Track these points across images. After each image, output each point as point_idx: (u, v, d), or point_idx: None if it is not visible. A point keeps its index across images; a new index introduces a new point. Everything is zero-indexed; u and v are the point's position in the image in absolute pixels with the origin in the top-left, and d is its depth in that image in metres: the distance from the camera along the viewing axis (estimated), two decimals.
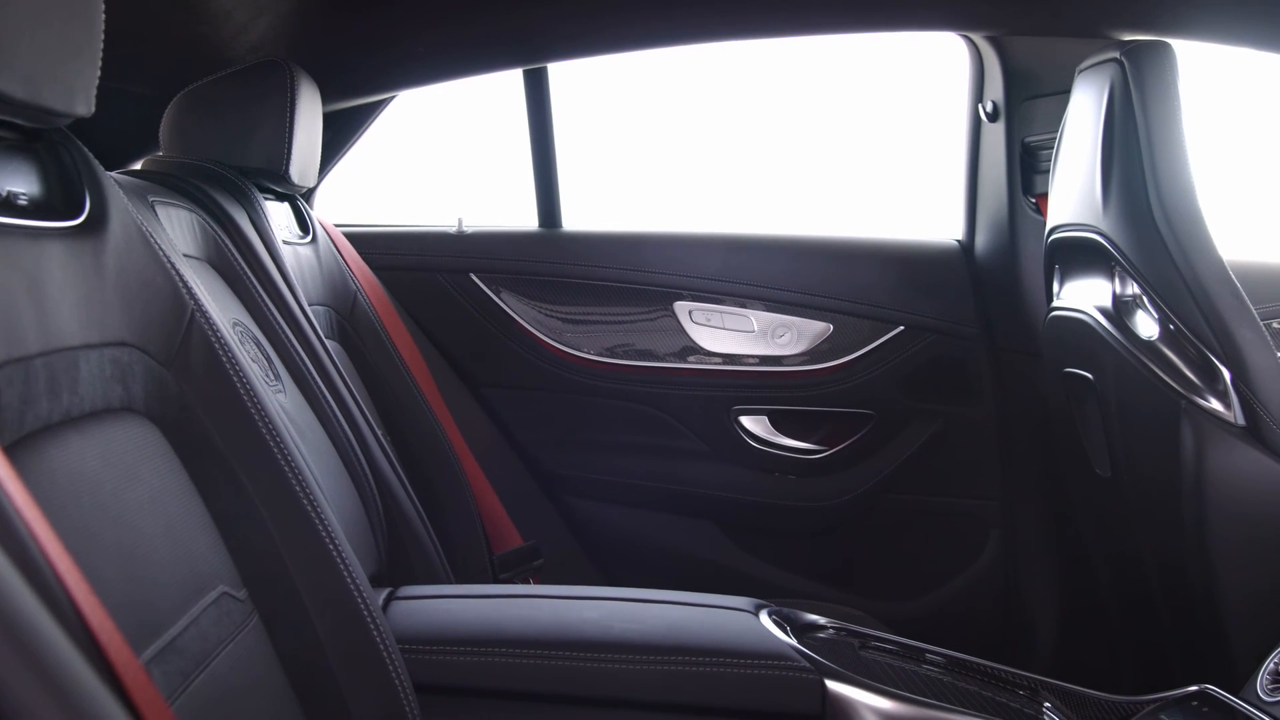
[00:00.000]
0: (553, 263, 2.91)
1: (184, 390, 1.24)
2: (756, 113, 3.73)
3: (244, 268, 1.82)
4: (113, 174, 1.60)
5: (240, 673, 1.19)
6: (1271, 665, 1.81)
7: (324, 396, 1.81)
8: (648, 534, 2.92)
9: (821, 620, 1.73)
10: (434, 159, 3.59)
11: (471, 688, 1.46)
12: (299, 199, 2.36)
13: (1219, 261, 1.95)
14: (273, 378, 1.67)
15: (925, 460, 2.85)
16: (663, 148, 3.73)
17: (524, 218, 2.98)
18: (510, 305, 2.89)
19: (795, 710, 1.45)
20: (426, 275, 2.91)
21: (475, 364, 2.91)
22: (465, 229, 2.94)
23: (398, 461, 2.17)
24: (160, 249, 1.25)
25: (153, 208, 1.64)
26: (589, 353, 2.89)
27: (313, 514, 1.30)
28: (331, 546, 1.31)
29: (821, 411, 2.86)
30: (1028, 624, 2.85)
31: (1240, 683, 1.84)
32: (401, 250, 2.93)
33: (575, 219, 2.97)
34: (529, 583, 2.49)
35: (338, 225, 2.67)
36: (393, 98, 2.82)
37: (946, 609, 2.87)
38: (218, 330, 1.30)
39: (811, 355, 2.84)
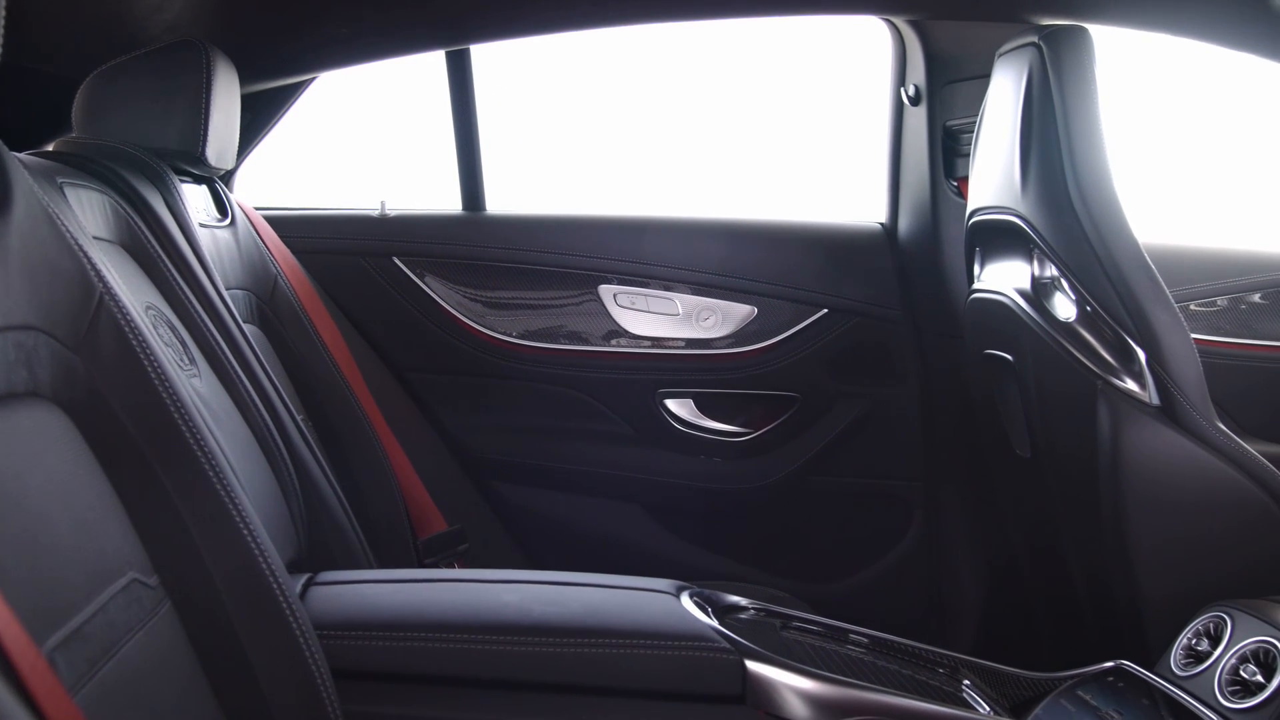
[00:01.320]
0: (477, 246, 2.89)
1: (92, 374, 1.22)
2: (680, 96, 3.73)
3: (158, 251, 1.79)
4: (20, 155, 1.57)
5: (150, 660, 1.17)
6: (1185, 641, 1.84)
7: (241, 381, 1.78)
8: (573, 518, 2.92)
9: (743, 602, 1.74)
10: (356, 142, 3.55)
11: (390, 672, 1.45)
12: (217, 182, 2.33)
13: (1134, 244, 1.98)
14: (187, 362, 1.65)
15: (850, 442, 2.87)
16: (588, 131, 3.72)
17: (448, 201, 2.96)
18: (434, 289, 2.87)
19: (715, 691, 1.46)
20: (349, 259, 2.88)
21: (399, 348, 2.89)
22: (388, 212, 2.91)
23: (319, 447, 2.15)
24: (67, 231, 1.23)
25: (61, 189, 1.61)
26: (513, 336, 2.88)
27: (226, 499, 1.28)
28: (246, 532, 1.29)
29: (746, 394, 2.87)
30: (952, 604, 2.88)
31: (1155, 659, 1.88)
32: (324, 234, 2.89)
33: (499, 202, 2.95)
34: (454, 567, 2.48)
35: (258, 208, 2.63)
36: (313, 79, 2.79)
37: (871, 590, 2.89)
38: (127, 313, 1.27)
39: (736, 338, 2.85)
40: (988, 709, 1.71)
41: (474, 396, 2.91)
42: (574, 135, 3.71)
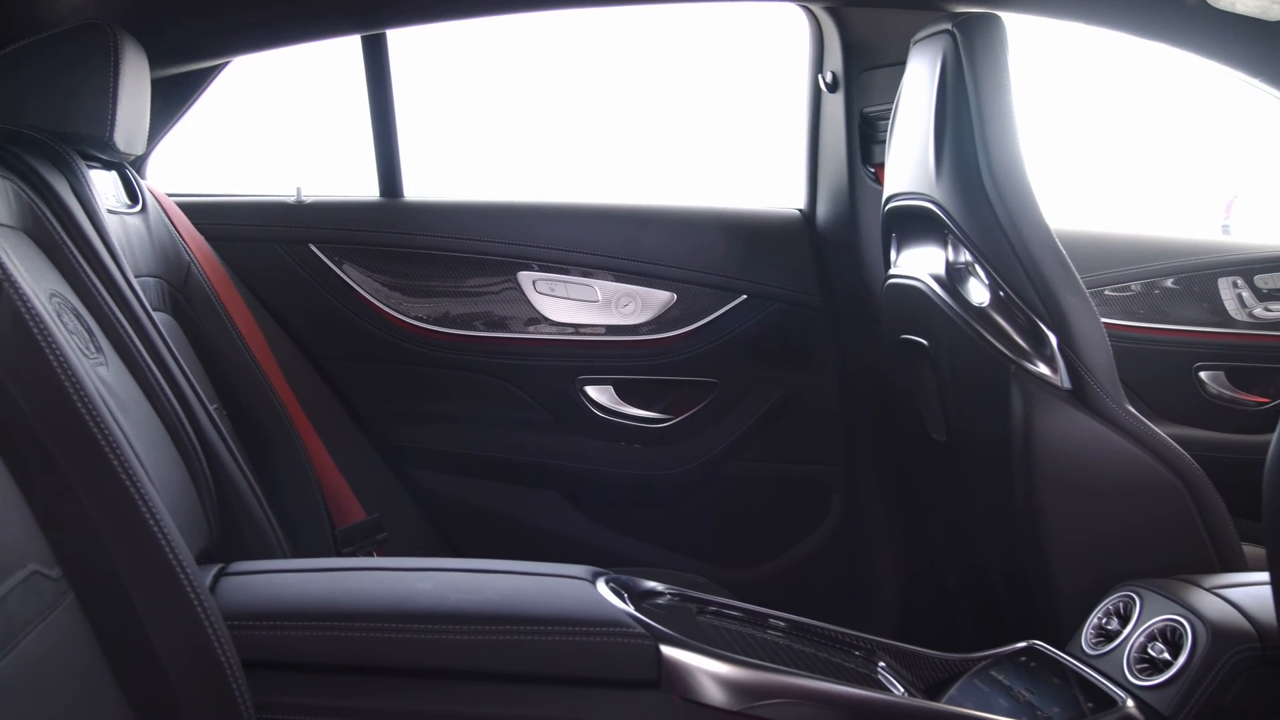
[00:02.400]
0: (394, 233, 2.87)
1: None
2: (600, 83, 3.72)
3: (63, 237, 1.75)
4: None
5: (52, 654, 1.15)
6: (1095, 621, 1.87)
7: (150, 369, 1.75)
8: (493, 505, 2.91)
9: (660, 587, 1.74)
10: (272, 128, 3.51)
11: (302, 662, 1.44)
12: (127, 167, 2.28)
13: (1046, 230, 2.00)
14: (93, 350, 1.62)
15: (769, 427, 2.88)
16: (506, 117, 3.70)
17: (365, 187, 2.93)
18: (351, 276, 2.85)
19: (631, 676, 1.46)
20: (264, 246, 2.84)
21: (316, 336, 2.86)
22: (304, 199, 2.88)
23: (233, 436, 2.12)
24: None
25: None
26: (432, 323, 2.86)
27: (131, 488, 1.26)
28: (152, 521, 1.27)
29: (666, 380, 2.88)
30: (871, 587, 2.91)
31: (1067, 638, 1.90)
32: (239, 220, 2.85)
33: (417, 188, 2.92)
34: (372, 556, 2.46)
35: (172, 195, 2.59)
36: (226, 64, 2.74)
37: (791, 574, 2.91)
38: (28, 301, 1.25)
39: (656, 324, 2.85)
40: (902, 690, 1.73)
41: (392, 384, 2.89)
42: (492, 122, 3.69)
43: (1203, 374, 2.95)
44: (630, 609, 1.53)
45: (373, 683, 1.44)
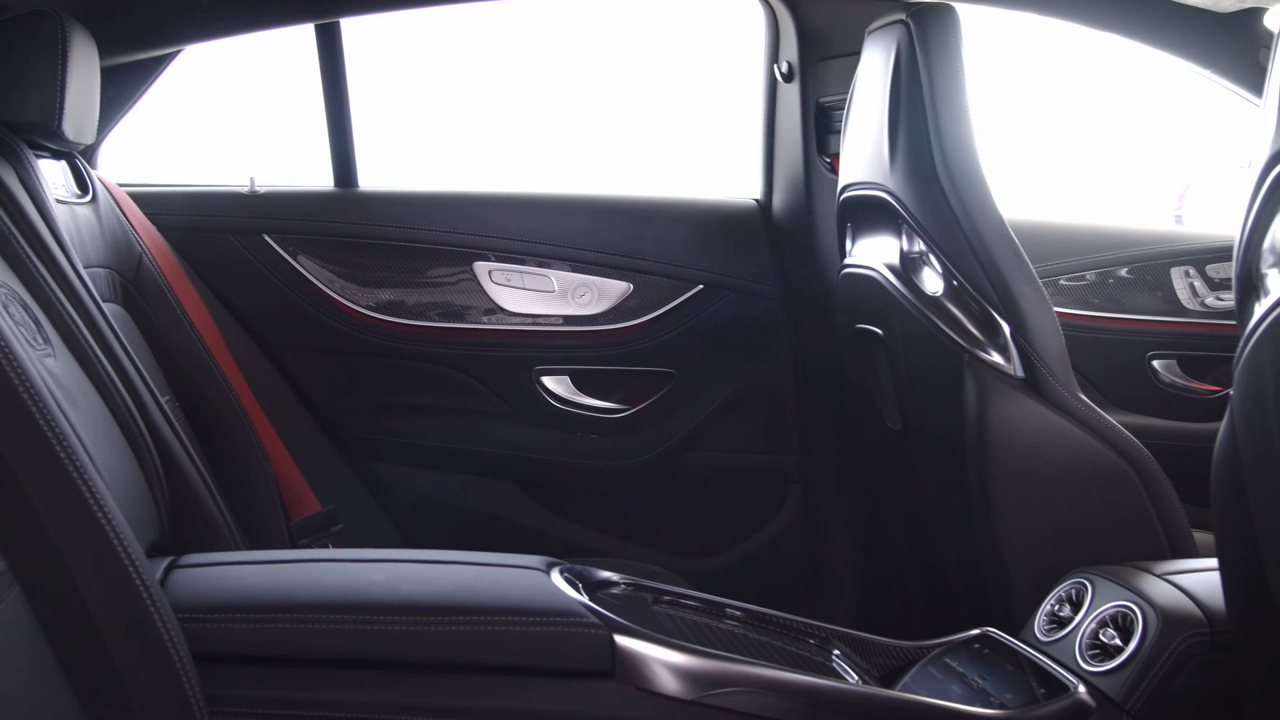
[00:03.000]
0: (349, 223, 2.85)
1: None
2: (556, 73, 3.72)
3: (9, 227, 1.73)
4: None
5: None
6: (1048, 608, 1.88)
7: (99, 361, 1.73)
8: (450, 496, 2.90)
9: (614, 577, 1.74)
10: (225, 118, 3.48)
11: (253, 655, 1.43)
12: (77, 157, 2.26)
13: (999, 220, 2.01)
14: (40, 341, 1.60)
15: (725, 417, 2.89)
16: (460, 106, 3.69)
17: (320, 177, 2.91)
18: (306, 267, 2.82)
19: (584, 666, 1.46)
20: (218, 236, 2.82)
21: (270, 327, 2.84)
22: (258, 189, 2.86)
23: (186, 428, 2.11)
24: None
25: None
26: (388, 314, 2.85)
27: (78, 481, 1.25)
28: (100, 514, 1.26)
29: (623, 371, 2.87)
30: (828, 576, 2.92)
31: (1020, 625, 1.92)
32: (192, 211, 2.83)
33: (372, 178, 2.91)
34: (327, 548, 2.45)
35: (123, 185, 2.57)
36: (178, 53, 2.72)
37: (748, 564, 2.92)
38: None
39: (612, 315, 2.85)
40: (856, 678, 1.73)
41: (348, 375, 2.87)
42: (448, 111, 3.68)
43: (1156, 363, 2.98)
44: (584, 599, 1.53)
45: (325, 674, 1.43)
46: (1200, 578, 1.76)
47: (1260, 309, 1.28)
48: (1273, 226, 1.28)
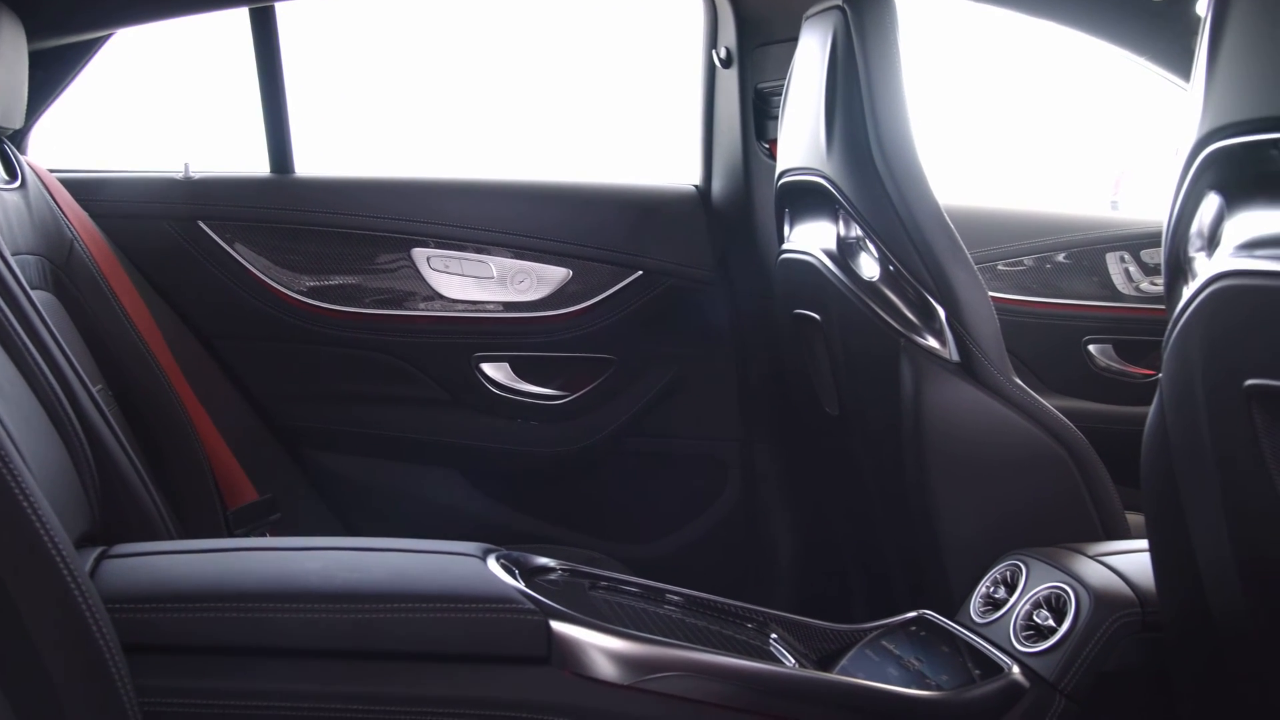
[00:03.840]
0: (286, 209, 2.82)
1: None
2: (495, 58, 3.70)
3: None
4: None
5: None
6: (983, 590, 1.90)
7: (26, 349, 1.70)
8: (390, 484, 2.88)
9: (551, 563, 1.74)
10: (158, 102, 3.44)
11: (185, 644, 1.41)
12: (4, 142, 2.23)
13: (935, 205, 2.02)
14: None
15: (666, 403, 2.89)
16: (400, 92, 3.67)
17: (256, 163, 2.88)
18: (242, 254, 2.79)
19: (520, 653, 1.45)
20: (151, 223, 2.78)
21: (206, 315, 2.80)
22: (192, 174, 2.82)
23: (119, 417, 2.08)
24: None
25: None
26: (326, 301, 2.82)
27: (3, 471, 1.23)
28: (25, 503, 1.24)
29: (563, 357, 2.87)
30: (768, 561, 2.93)
31: (957, 607, 1.93)
32: (124, 197, 2.79)
33: (308, 164, 2.88)
34: (265, 537, 2.43)
35: (54, 170, 2.53)
36: (109, 36, 2.68)
37: (689, 550, 2.92)
38: None
39: (552, 301, 2.84)
40: (793, 661, 1.74)
41: (286, 363, 2.85)
42: (390, 96, 3.66)
43: (1091, 347, 3.01)
44: (520, 585, 1.52)
45: (259, 663, 1.42)
46: (1132, 559, 1.78)
47: (1188, 292, 1.30)
48: (1199, 211, 1.29)
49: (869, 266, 2.10)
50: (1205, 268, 1.26)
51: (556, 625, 1.47)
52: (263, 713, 1.39)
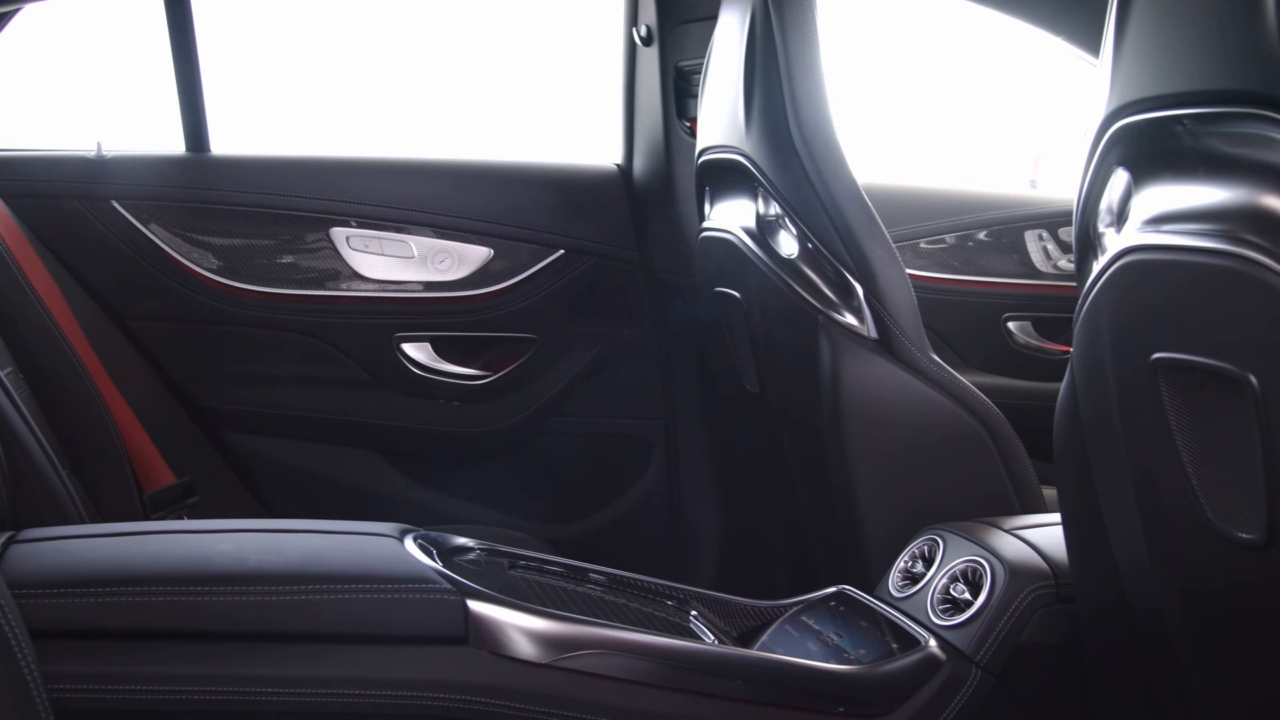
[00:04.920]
0: (202, 189, 2.78)
1: None
2: (413, 35, 3.67)
3: None
4: None
5: None
6: (902, 565, 1.91)
7: None
8: (310, 466, 2.85)
9: (470, 543, 1.73)
10: (69, 79, 3.37)
11: (95, 630, 1.39)
12: None
13: (853, 182, 2.03)
14: None
15: (588, 383, 2.88)
16: (318, 68, 3.63)
17: (171, 141, 2.84)
18: (158, 235, 2.75)
19: (437, 633, 1.45)
20: (63, 203, 2.72)
21: (121, 296, 2.75)
22: (105, 153, 2.77)
23: (29, 400, 2.05)
24: None
25: None
26: (244, 282, 2.78)
27: None
28: None
29: (484, 337, 2.85)
30: (692, 539, 2.94)
31: (876, 582, 1.95)
32: (35, 176, 2.73)
33: (225, 142, 2.84)
34: (182, 521, 2.40)
35: None
36: (16, 11, 2.62)
37: (613, 528, 2.92)
38: None
39: (473, 280, 2.82)
40: (713, 638, 1.75)
41: (204, 344, 2.81)
42: (306, 75, 3.61)
43: (1011, 324, 3.05)
44: (437, 565, 1.52)
45: (170, 647, 1.40)
46: (1046, 532, 1.80)
47: (1097, 267, 1.31)
48: (1108, 187, 1.30)
49: (788, 244, 2.10)
50: (1114, 243, 1.28)
51: (474, 605, 1.46)
52: (174, 698, 1.37)
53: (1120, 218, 1.29)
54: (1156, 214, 1.21)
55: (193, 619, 1.40)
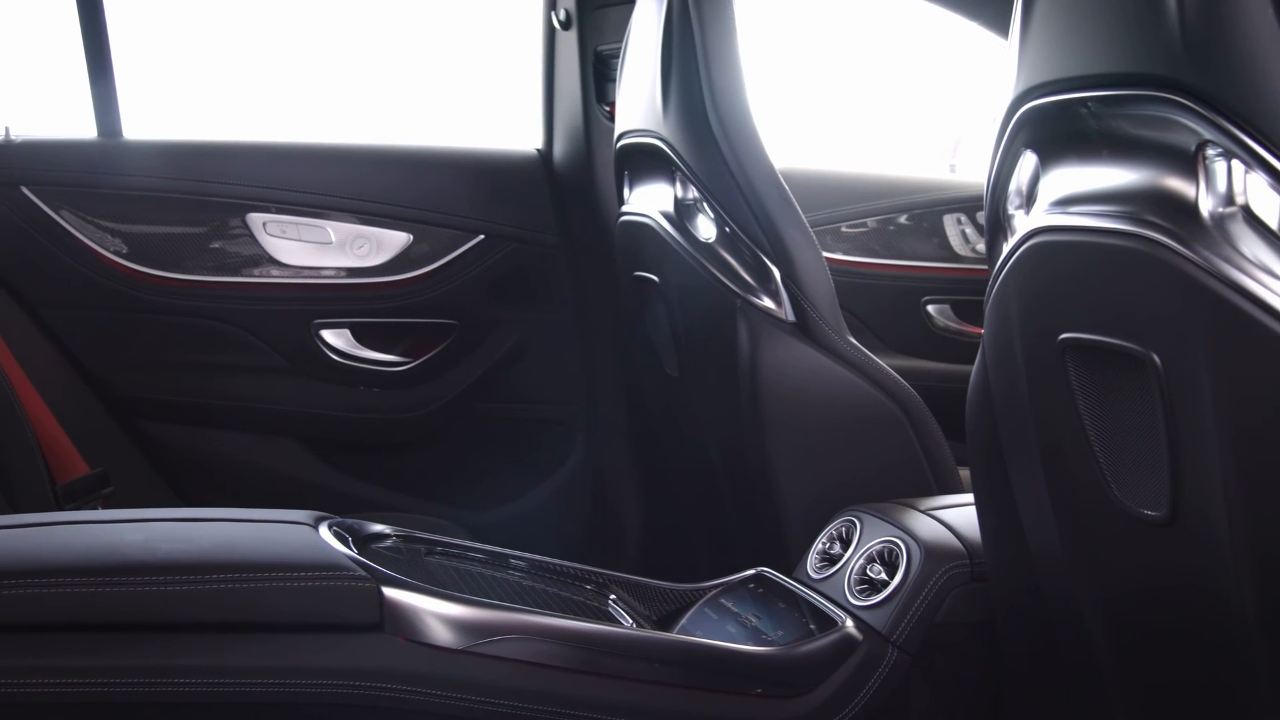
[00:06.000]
0: (115, 174, 2.73)
1: None
2: (332, 18, 3.63)
3: None
4: None
5: None
6: (820, 546, 1.92)
7: None
8: (229, 455, 2.82)
9: (386, 530, 1.72)
10: None
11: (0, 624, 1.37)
12: None
13: (770, 167, 2.04)
14: None
15: (510, 368, 2.88)
16: (233, 51, 3.58)
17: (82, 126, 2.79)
18: (69, 221, 2.70)
19: (352, 620, 1.44)
20: None
21: (31, 284, 2.70)
22: (14, 138, 2.71)
23: None
24: None
25: None
26: (159, 269, 2.74)
27: None
28: None
29: (404, 323, 2.84)
30: (615, 524, 2.94)
31: (795, 564, 1.96)
32: None
33: (138, 127, 2.79)
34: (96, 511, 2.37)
35: None
36: None
37: (536, 513, 2.92)
38: None
39: (392, 266, 2.80)
40: (631, 622, 1.75)
41: (118, 332, 2.76)
42: (219, 56, 3.57)
43: (930, 307, 3.07)
44: (352, 552, 1.51)
45: (78, 640, 1.38)
46: (961, 512, 1.81)
47: (1006, 249, 1.32)
48: (1017, 169, 1.32)
49: (706, 228, 2.10)
50: (1022, 224, 1.29)
51: (389, 591, 1.45)
52: (79, 691, 1.35)
53: (1029, 200, 1.30)
54: (1063, 196, 1.22)
55: (101, 611, 1.38)
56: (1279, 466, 1.02)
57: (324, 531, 1.55)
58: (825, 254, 2.09)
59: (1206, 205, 1.03)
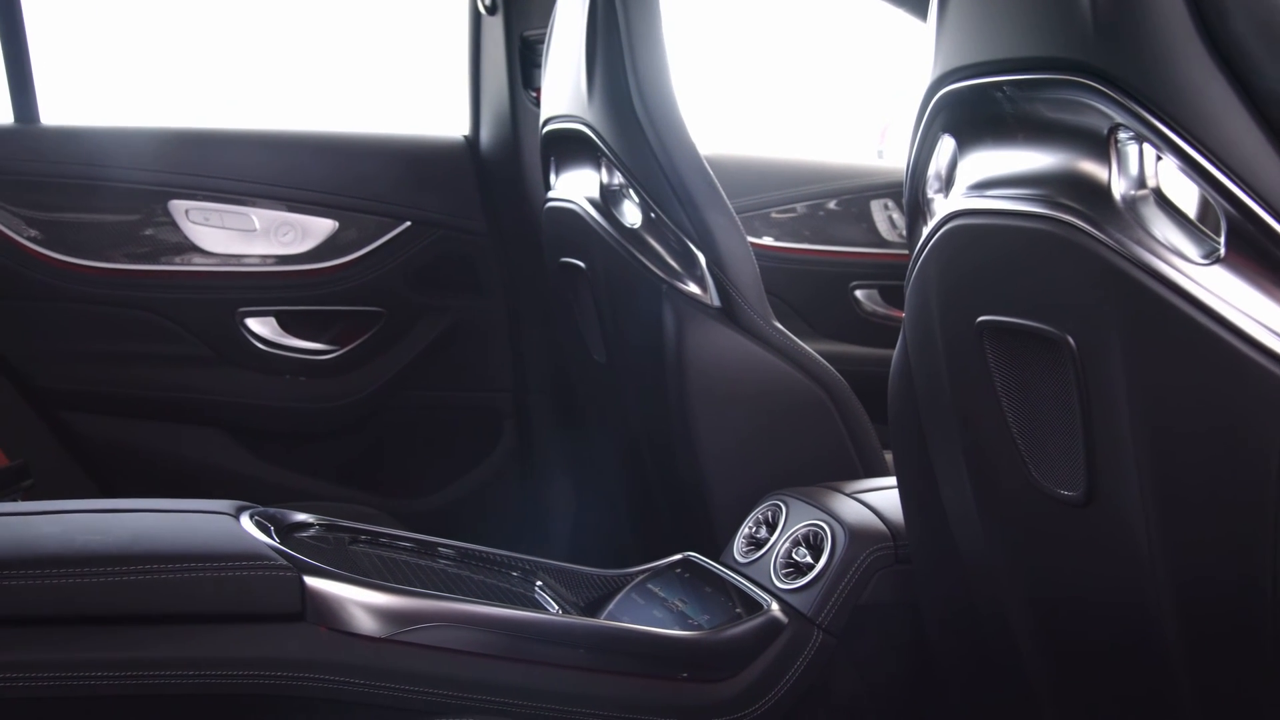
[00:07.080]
0: (32, 161, 2.68)
1: None
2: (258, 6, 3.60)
3: None
4: None
5: None
6: (746, 530, 1.93)
7: None
8: (151, 446, 2.78)
9: (309, 519, 1.71)
10: None
11: None
12: None
13: (695, 153, 2.04)
14: None
15: (437, 356, 2.86)
16: (154, 39, 3.54)
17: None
18: None
19: (273, 610, 1.43)
20: None
21: None
22: None
23: None
24: None
25: None
26: (78, 258, 2.69)
27: None
28: None
29: (330, 310, 2.81)
30: (544, 510, 2.94)
31: (722, 548, 1.97)
32: None
33: (55, 112, 2.74)
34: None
35: None
36: None
37: (466, 501, 2.91)
38: None
39: (317, 253, 2.78)
40: (557, 608, 1.75)
41: (36, 322, 2.71)
42: (141, 40, 3.52)
43: (858, 292, 3.09)
44: (273, 542, 1.49)
45: None
46: (886, 495, 1.83)
47: (925, 232, 1.33)
48: (935, 153, 1.33)
49: (631, 214, 2.10)
50: (941, 208, 1.30)
51: (311, 581, 1.44)
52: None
53: (948, 183, 1.31)
54: (980, 179, 1.23)
55: (16, 604, 1.36)
56: (1189, 446, 1.04)
57: (245, 521, 1.54)
58: (754, 240, 2.10)
59: (1119, 188, 1.04)
